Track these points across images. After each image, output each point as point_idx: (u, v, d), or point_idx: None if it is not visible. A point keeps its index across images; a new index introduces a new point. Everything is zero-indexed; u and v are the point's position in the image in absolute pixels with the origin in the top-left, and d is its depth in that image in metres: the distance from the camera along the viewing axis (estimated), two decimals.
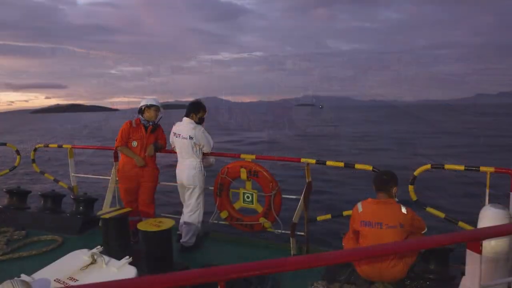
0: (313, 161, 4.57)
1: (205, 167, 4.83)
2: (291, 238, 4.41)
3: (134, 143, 4.88)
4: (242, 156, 4.90)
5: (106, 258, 2.66)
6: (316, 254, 1.62)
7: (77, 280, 2.49)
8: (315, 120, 76.16)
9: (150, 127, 4.96)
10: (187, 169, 4.68)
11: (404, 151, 22.92)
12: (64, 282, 2.46)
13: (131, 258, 2.66)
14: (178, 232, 4.87)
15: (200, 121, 4.78)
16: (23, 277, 2.40)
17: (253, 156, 4.85)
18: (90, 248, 2.95)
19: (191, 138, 4.61)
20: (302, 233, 4.51)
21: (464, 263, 3.67)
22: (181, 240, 4.74)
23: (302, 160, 4.60)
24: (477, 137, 30.67)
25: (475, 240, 1.85)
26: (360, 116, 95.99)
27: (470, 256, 1.88)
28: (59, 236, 5.01)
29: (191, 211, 4.72)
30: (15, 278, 2.25)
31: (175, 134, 4.79)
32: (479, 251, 1.84)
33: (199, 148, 4.69)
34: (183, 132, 4.69)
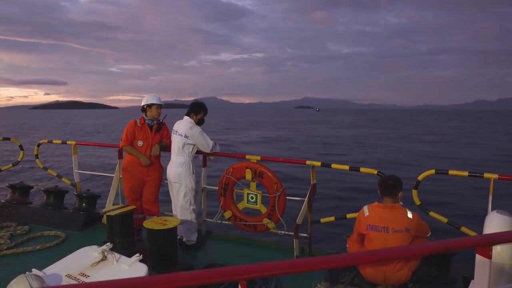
0: (318, 163, 4.58)
1: (196, 167, 4.84)
2: (294, 239, 4.42)
3: (140, 143, 4.89)
4: (248, 157, 4.92)
5: (117, 255, 2.68)
6: (332, 256, 1.64)
7: (88, 276, 2.51)
8: (302, 122, 77.14)
9: (155, 125, 4.99)
10: (174, 166, 4.72)
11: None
12: (75, 277, 2.48)
13: (141, 256, 2.68)
14: (178, 237, 4.75)
15: (199, 122, 4.82)
16: (35, 271, 2.41)
17: (258, 157, 4.87)
18: (94, 244, 2.96)
19: (186, 136, 4.66)
20: (305, 235, 4.53)
21: (463, 268, 3.71)
22: (183, 239, 4.76)
23: (307, 162, 4.61)
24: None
25: (486, 245, 1.87)
26: (349, 119, 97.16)
27: (480, 261, 1.91)
28: (62, 232, 5.03)
29: (181, 208, 4.72)
30: (28, 273, 2.27)
31: (173, 131, 4.86)
32: (489, 256, 1.86)
33: (192, 148, 4.72)
34: (180, 130, 4.75)
